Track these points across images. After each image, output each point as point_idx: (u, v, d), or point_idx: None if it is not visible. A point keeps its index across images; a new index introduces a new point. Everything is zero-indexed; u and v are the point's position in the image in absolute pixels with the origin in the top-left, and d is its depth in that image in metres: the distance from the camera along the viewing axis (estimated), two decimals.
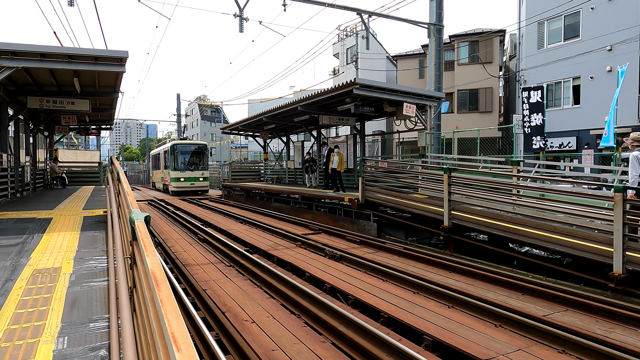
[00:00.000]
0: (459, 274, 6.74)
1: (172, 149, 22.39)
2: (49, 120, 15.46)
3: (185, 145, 23.07)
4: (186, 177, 22.37)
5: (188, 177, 22.42)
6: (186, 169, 22.46)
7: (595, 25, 18.45)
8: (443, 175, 8.75)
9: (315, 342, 4.31)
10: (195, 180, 22.65)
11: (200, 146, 23.52)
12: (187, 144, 23.28)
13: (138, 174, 53.11)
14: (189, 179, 22.44)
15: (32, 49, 7.83)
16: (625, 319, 4.72)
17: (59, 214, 8.74)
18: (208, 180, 23.69)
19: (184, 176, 22.32)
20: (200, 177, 22.86)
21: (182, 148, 22.69)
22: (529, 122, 13.19)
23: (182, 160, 22.46)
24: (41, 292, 3.85)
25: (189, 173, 22.47)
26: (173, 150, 22.38)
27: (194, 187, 22.71)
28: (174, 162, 22.28)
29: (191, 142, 24.10)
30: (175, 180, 22.27)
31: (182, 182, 22.25)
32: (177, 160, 22.29)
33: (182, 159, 22.47)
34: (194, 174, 22.61)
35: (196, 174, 22.72)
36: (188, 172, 22.44)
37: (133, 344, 2.08)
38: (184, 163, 22.52)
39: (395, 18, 15.34)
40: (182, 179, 22.27)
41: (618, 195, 5.73)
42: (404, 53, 29.73)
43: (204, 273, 6.90)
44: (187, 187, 22.42)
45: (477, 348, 4.05)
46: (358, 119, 15.75)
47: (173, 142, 23.16)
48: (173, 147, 22.40)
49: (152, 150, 33.42)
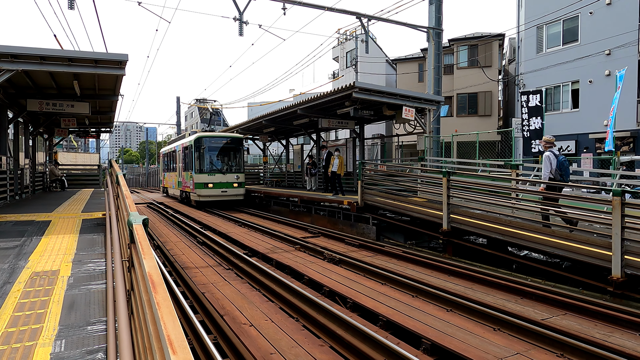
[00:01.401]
0: (458, 278, 6.73)
1: (197, 144, 16.47)
2: (49, 122, 15.48)
3: (214, 138, 17.10)
4: (216, 182, 16.40)
5: (218, 182, 16.44)
6: (216, 170, 16.61)
7: (594, 30, 18.54)
8: (442, 178, 8.76)
9: (314, 345, 4.30)
10: (227, 187, 16.60)
11: (234, 139, 17.44)
12: (216, 137, 17.31)
13: (138, 177, 53.17)
14: (219, 184, 16.44)
15: (32, 52, 7.85)
16: (624, 323, 4.72)
17: (57, 216, 8.73)
18: (244, 186, 17.34)
19: (213, 181, 16.37)
20: (234, 183, 16.75)
21: (210, 142, 16.75)
22: (528, 126, 13.21)
23: (210, 159, 16.67)
24: (39, 295, 3.84)
25: (220, 177, 16.49)
26: (198, 145, 16.46)
27: (226, 195, 16.66)
28: (198, 161, 16.40)
29: (222, 135, 17.98)
30: (201, 186, 16.25)
31: (210, 190, 16.29)
32: (203, 159, 16.45)
33: (210, 158, 16.68)
34: (226, 178, 16.56)
35: (229, 177, 16.64)
36: (219, 175, 16.49)
37: (130, 346, 2.08)
38: (213, 163, 16.76)
39: (395, 22, 15.40)
40: (211, 184, 16.31)
41: (616, 199, 5.74)
42: (403, 57, 29.82)
43: (202, 276, 6.89)
44: (216, 195, 16.46)
45: (475, 352, 4.04)
46: (357, 122, 15.79)
47: (197, 134, 17.29)
48: (198, 142, 16.48)
49: (164, 148, 26.94)
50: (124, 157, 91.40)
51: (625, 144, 17.71)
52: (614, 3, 17.85)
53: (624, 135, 17.53)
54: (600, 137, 17.41)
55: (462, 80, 24.80)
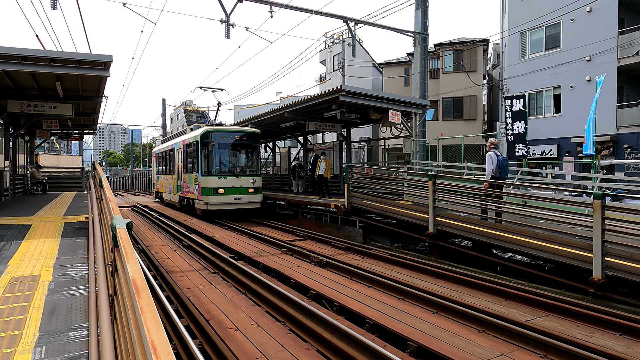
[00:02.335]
0: (444, 280, 6.79)
1: (205, 140, 13.78)
2: (30, 124, 15.16)
3: (226, 133, 14.32)
4: (228, 186, 13.68)
5: (230, 186, 13.73)
6: (228, 173, 13.95)
7: (575, 36, 18.98)
8: (428, 182, 8.84)
9: (300, 349, 4.29)
10: (242, 192, 13.91)
11: (250, 135, 14.64)
12: (228, 132, 14.48)
13: (122, 180, 52.41)
14: (232, 190, 13.74)
15: (13, 52, 7.68)
16: (604, 324, 4.81)
17: (38, 220, 8.55)
18: (261, 192, 14.61)
19: (224, 185, 13.65)
20: (249, 188, 14.07)
21: (221, 138, 14.02)
22: (511, 130, 13.42)
23: (221, 159, 14.06)
24: (18, 301, 3.75)
25: (233, 180, 13.79)
26: (206, 141, 13.77)
27: (240, 203, 13.90)
28: (206, 161, 13.74)
29: (235, 129, 15.01)
30: (210, 192, 13.52)
31: (220, 197, 13.57)
32: (212, 159, 13.79)
33: (221, 157, 14.07)
34: (240, 182, 13.90)
35: (244, 181, 14.01)
36: (231, 178, 13.80)
37: (112, 352, 2.04)
38: (225, 163, 14.16)
39: (382, 26, 15.53)
40: (222, 190, 13.58)
41: (597, 202, 5.86)
42: (390, 61, 30.08)
43: (187, 280, 6.82)
44: (229, 203, 13.73)
45: (460, 354, 4.08)
46: (344, 125, 15.85)
47: (205, 127, 14.45)
48: (206, 137, 13.80)
49: (158, 147, 23.43)
50: (108, 159, 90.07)
51: (605, 148, 18.13)
52: (594, 11, 18.30)
53: (604, 139, 17.96)
54: (581, 141, 17.79)
55: (447, 85, 25.11)
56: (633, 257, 6.00)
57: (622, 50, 17.80)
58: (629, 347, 4.26)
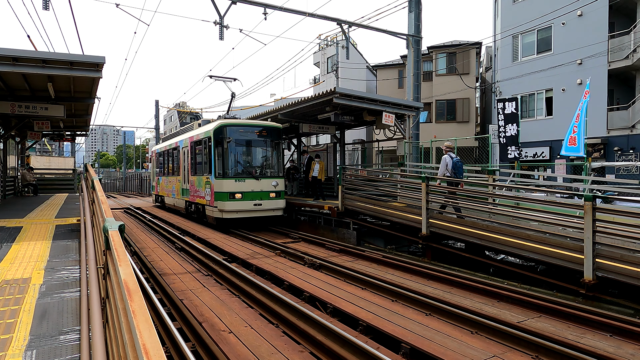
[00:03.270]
0: (437, 282, 6.82)
1: (219, 135, 11.76)
2: (21, 125, 15.00)
3: (243, 127, 12.29)
4: (246, 190, 11.72)
5: (249, 190, 11.77)
6: (246, 174, 12.01)
7: (566, 40, 19.19)
8: (421, 184, 8.88)
9: (294, 351, 4.28)
10: (262, 197, 11.94)
11: (271, 130, 12.60)
12: (247, 126, 12.43)
13: (114, 182, 52.06)
14: (251, 194, 11.77)
15: (4, 53, 7.61)
16: (595, 325, 4.86)
17: (29, 222, 8.46)
18: (284, 196, 12.62)
19: (242, 189, 11.68)
20: (271, 192, 12.13)
21: (238, 133, 12.02)
22: (504, 133, 13.53)
23: (238, 158, 12.14)
24: (9, 304, 3.71)
25: (252, 184, 11.85)
26: (220, 136, 11.76)
27: (260, 210, 11.96)
28: (221, 160, 11.74)
29: (254, 123, 12.87)
30: (226, 197, 11.50)
31: (238, 203, 11.59)
32: (227, 158, 11.75)
33: (238, 156, 12.13)
34: (260, 185, 11.97)
35: (264, 184, 12.04)
36: (250, 181, 11.85)
37: (104, 356, 2.03)
38: (243, 163, 12.25)
39: (375, 29, 15.59)
40: (239, 194, 11.61)
41: (588, 204, 5.92)
42: (383, 63, 30.20)
43: (180, 282, 6.78)
44: (247, 210, 11.77)
45: (453, 355, 4.10)
46: (338, 127, 15.86)
47: (219, 122, 12.39)
48: (220, 132, 11.79)
49: (159, 145, 20.83)
50: (100, 161, 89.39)
51: (596, 151, 18.33)
52: (585, 15, 18.52)
53: (595, 142, 18.15)
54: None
55: (440, 87, 25.25)
56: (623, 258, 6.06)
57: (613, 53, 18.04)
58: (620, 348, 4.30)
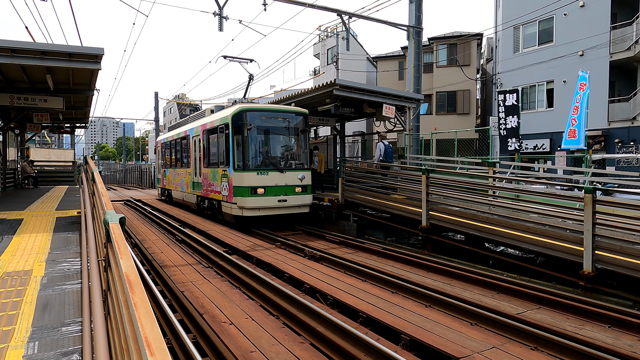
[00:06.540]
0: (437, 274, 6.84)
1: (238, 122, 10.42)
2: (20, 118, 14.96)
3: (266, 112, 11.02)
4: (269, 185, 10.38)
5: (273, 184, 10.42)
6: (270, 166, 10.64)
7: (568, 31, 19.05)
8: (421, 176, 8.87)
9: (294, 343, 4.31)
10: (287, 192, 10.58)
11: (297, 116, 11.29)
12: (270, 111, 11.13)
13: (114, 174, 52.03)
14: (274, 189, 10.43)
15: (2, 44, 7.56)
16: (594, 316, 4.89)
17: (30, 214, 8.48)
18: (310, 191, 11.16)
19: (266, 183, 10.35)
20: (297, 186, 10.72)
21: (260, 120, 10.74)
22: (504, 125, 13.48)
23: (260, 148, 10.82)
24: (10, 296, 3.73)
25: (276, 177, 10.50)
26: (239, 123, 10.41)
27: (285, 207, 10.62)
28: (241, 150, 10.42)
29: (277, 108, 11.44)
30: (247, 192, 10.19)
31: (260, 198, 10.29)
32: (248, 148, 10.40)
33: (260, 145, 10.84)
34: (285, 179, 10.58)
35: (289, 178, 10.65)
36: (273, 174, 10.49)
37: (106, 348, 2.04)
38: (265, 154, 10.91)
39: (375, 20, 15.46)
40: (261, 189, 10.28)
41: (588, 196, 5.92)
42: (383, 54, 30.02)
43: (181, 274, 6.81)
44: (270, 207, 10.46)
45: (453, 346, 4.12)
46: (338, 119, 15.80)
47: (238, 106, 10.90)
48: (239, 118, 10.42)
49: (165, 134, 19.47)
50: (100, 153, 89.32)
51: (597, 143, 18.30)
52: (587, 5, 18.37)
53: (596, 134, 18.11)
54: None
55: (441, 79, 25.13)
56: (623, 250, 6.08)
57: (615, 45, 17.92)
58: (618, 339, 4.33)
